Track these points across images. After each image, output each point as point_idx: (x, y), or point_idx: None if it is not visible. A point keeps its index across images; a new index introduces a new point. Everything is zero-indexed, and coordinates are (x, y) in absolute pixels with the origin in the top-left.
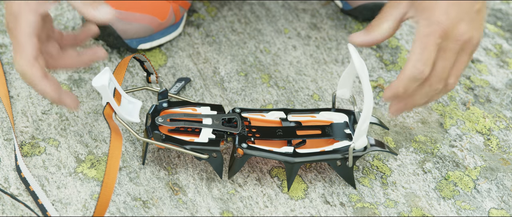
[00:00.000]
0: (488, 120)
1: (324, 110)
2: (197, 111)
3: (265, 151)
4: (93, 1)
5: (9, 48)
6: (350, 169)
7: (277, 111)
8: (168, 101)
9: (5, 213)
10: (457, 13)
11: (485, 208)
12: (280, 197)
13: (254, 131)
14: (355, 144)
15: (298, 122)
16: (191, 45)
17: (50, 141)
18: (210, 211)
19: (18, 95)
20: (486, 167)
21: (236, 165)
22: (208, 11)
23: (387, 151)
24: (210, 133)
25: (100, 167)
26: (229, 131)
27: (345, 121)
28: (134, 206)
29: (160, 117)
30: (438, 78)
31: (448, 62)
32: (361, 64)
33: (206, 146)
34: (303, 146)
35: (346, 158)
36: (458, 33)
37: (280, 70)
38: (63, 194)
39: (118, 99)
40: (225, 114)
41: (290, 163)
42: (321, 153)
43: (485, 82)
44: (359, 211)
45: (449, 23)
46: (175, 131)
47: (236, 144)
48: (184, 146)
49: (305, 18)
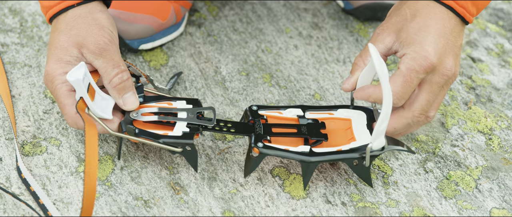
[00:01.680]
0: (489, 120)
1: (342, 107)
2: (173, 105)
3: (281, 150)
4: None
5: (10, 48)
6: (367, 169)
7: (295, 108)
8: (144, 95)
9: (6, 212)
10: (445, 47)
11: (486, 208)
12: (282, 197)
13: (229, 126)
14: (373, 144)
15: (315, 120)
16: (192, 44)
17: (52, 141)
18: (211, 210)
19: (19, 94)
20: (487, 167)
21: (252, 164)
22: (209, 11)
23: (405, 150)
24: (184, 126)
25: (101, 167)
26: (204, 125)
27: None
28: (136, 205)
29: (135, 111)
30: (421, 110)
31: (433, 95)
32: (382, 65)
33: (180, 139)
34: (320, 145)
35: (363, 158)
36: (445, 67)
37: (281, 70)
38: (65, 193)
39: (92, 94)
40: (201, 108)
41: (306, 163)
42: (338, 152)
43: (486, 81)
44: (360, 210)
45: (437, 57)
46: (149, 125)
47: (252, 143)
48: (158, 139)
49: (306, 17)
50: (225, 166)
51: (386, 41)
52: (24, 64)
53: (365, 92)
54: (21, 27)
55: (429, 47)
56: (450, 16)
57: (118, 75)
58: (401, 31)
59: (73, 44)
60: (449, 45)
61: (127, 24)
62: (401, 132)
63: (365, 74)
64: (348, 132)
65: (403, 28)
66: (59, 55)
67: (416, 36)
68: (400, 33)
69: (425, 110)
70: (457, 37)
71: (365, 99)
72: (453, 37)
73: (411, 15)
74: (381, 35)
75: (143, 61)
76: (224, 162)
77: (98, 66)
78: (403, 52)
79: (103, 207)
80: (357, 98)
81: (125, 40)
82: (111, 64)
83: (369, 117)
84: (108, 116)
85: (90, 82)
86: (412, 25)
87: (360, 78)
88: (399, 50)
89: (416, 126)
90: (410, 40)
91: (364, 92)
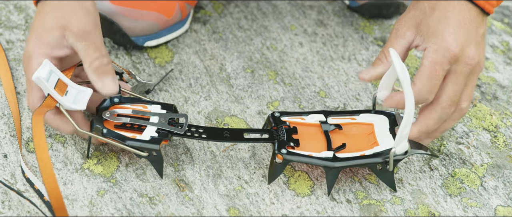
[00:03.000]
0: (495, 117)
1: (364, 112)
2: (147, 109)
3: (305, 156)
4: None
5: (16, 45)
6: (390, 173)
7: (317, 114)
8: (121, 96)
9: (12, 209)
10: (466, 37)
11: (491, 206)
12: (286, 194)
13: (201, 132)
14: (396, 149)
15: (338, 125)
16: (197, 41)
17: (57, 138)
18: (216, 207)
19: (24, 91)
20: (493, 164)
21: (276, 171)
22: (214, 8)
23: (428, 154)
24: (153, 131)
25: (106, 164)
26: (175, 131)
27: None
28: (141, 202)
29: (108, 111)
30: (450, 101)
31: (459, 85)
32: (403, 70)
33: (146, 144)
34: (343, 150)
35: (386, 162)
36: (467, 57)
37: (286, 67)
38: (70, 190)
39: (62, 89)
40: (174, 114)
41: (330, 168)
42: (361, 157)
43: (492, 79)
44: (365, 208)
45: (459, 47)
46: (120, 127)
47: (275, 150)
48: (124, 142)
49: (311, 15)
50: (230, 163)
51: (407, 36)
52: None
53: (394, 100)
54: (26, 24)
55: (450, 38)
56: (469, 8)
57: (98, 59)
58: (421, 24)
59: (57, 26)
60: (470, 35)
61: (132, 21)
62: (437, 129)
63: (387, 78)
64: (370, 137)
65: (423, 22)
66: (41, 35)
67: (436, 29)
68: (420, 27)
69: (454, 101)
70: (478, 26)
71: (394, 106)
72: (474, 27)
73: (430, 8)
74: (401, 29)
75: (148, 58)
76: (229, 159)
77: (79, 49)
78: (425, 45)
79: (108, 204)
80: (387, 106)
81: (130, 37)
82: (92, 48)
83: (391, 121)
84: (81, 107)
85: (59, 77)
86: (432, 18)
87: (382, 82)
88: (420, 44)
89: (450, 120)
90: (431, 33)
91: (392, 100)
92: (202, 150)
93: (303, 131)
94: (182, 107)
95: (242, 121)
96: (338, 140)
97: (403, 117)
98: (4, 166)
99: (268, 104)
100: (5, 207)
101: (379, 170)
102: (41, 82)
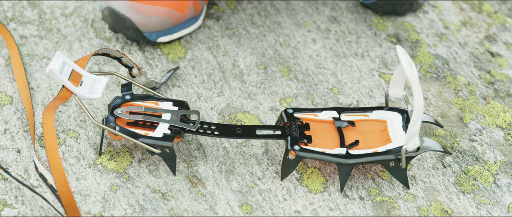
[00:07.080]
0: (508, 115)
1: (377, 108)
2: (159, 106)
3: (318, 153)
4: None
5: (29, 40)
6: (403, 170)
7: (330, 111)
8: (132, 93)
9: (25, 204)
10: None
11: (505, 203)
12: (299, 190)
13: (214, 128)
14: (408, 146)
15: (351, 121)
16: (210, 37)
17: (70, 133)
18: (229, 203)
19: (38, 86)
20: (506, 162)
21: (289, 167)
22: (227, 4)
23: (441, 151)
24: (166, 128)
25: (119, 159)
26: (187, 128)
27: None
28: (153, 198)
29: (119, 109)
30: None
31: None
32: (410, 67)
33: (158, 141)
34: (356, 147)
35: (399, 159)
36: None
37: (299, 63)
38: (83, 185)
39: (77, 80)
40: (186, 111)
41: (343, 165)
42: (374, 154)
43: (505, 76)
44: (378, 205)
45: None
46: (132, 124)
47: (288, 147)
48: (137, 139)
49: (325, 11)
50: (242, 160)
51: None
52: (42, 56)
53: None
54: (40, 19)
55: None
56: None
57: None
58: None
59: None
60: None
61: (145, 17)
62: None
63: (398, 75)
64: (383, 134)
65: None
66: None
67: None
68: None
69: None
70: None
71: None
72: None
73: None
74: None
75: (161, 54)
76: (241, 156)
77: None
78: None
79: (121, 200)
80: None
81: (143, 33)
82: None
83: (404, 118)
84: (97, 96)
85: (73, 68)
86: None
87: (393, 79)
88: None
89: None
90: None
91: None
92: (214, 146)
93: (316, 127)
94: (195, 103)
95: (255, 118)
96: (351, 136)
97: (412, 114)
98: (18, 161)
99: (281, 100)
100: (18, 202)
101: (392, 167)
102: (55, 74)
